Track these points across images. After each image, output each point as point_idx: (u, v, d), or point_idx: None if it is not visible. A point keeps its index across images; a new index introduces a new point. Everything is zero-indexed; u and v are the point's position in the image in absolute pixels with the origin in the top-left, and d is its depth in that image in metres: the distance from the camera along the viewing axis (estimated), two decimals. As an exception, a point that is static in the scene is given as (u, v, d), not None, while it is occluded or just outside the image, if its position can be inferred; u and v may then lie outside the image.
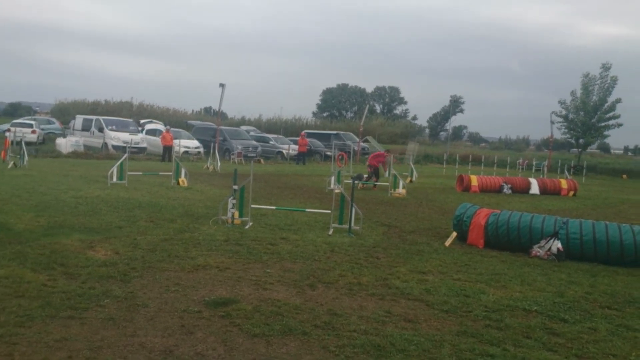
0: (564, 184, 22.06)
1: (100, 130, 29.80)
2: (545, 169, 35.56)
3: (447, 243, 9.28)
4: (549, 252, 8.46)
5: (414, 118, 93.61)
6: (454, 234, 9.56)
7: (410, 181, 22.72)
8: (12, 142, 20.49)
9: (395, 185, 17.38)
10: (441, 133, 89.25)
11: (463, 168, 32.67)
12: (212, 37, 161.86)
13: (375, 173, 19.72)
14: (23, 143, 19.52)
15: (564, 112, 45.48)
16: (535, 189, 21.22)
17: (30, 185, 13.25)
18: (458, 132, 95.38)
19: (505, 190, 20.63)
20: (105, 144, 28.88)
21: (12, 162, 18.59)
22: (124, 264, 6.61)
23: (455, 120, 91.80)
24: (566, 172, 32.61)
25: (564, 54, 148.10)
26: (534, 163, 37.14)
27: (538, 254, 8.54)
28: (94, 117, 32.25)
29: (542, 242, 8.60)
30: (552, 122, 45.39)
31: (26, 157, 19.01)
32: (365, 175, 19.66)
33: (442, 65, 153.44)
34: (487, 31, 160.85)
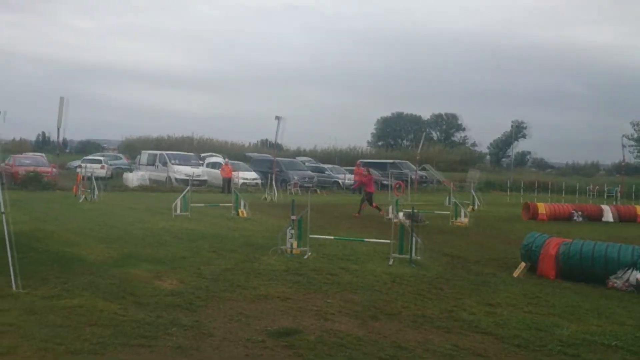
0: (640, 210, 20.86)
1: (164, 164, 30.89)
2: (619, 195, 33.84)
3: (516, 274, 8.93)
4: (627, 284, 7.99)
5: (474, 145, 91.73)
6: (523, 264, 9.19)
7: (473, 209, 22.14)
8: (83, 178, 21.54)
9: (456, 214, 16.99)
10: (503, 159, 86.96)
11: (528, 195, 31.59)
12: (267, 72, 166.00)
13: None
14: (93, 178, 20.49)
15: (636, 135, 43.44)
16: (608, 216, 20.16)
17: (101, 218, 13.84)
18: (521, 158, 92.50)
19: (575, 218, 19.73)
20: (169, 177, 29.88)
21: (83, 197, 19.52)
22: (190, 293, 6.74)
23: (518, 146, 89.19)
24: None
25: (633, 74, 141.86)
26: (606, 189, 35.41)
27: (615, 285, 8.08)
28: (158, 152, 33.51)
29: (619, 273, 8.13)
30: (624, 146, 43.40)
31: (96, 192, 19.91)
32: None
33: (502, 90, 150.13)
34: (548, 53, 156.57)
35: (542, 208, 19.84)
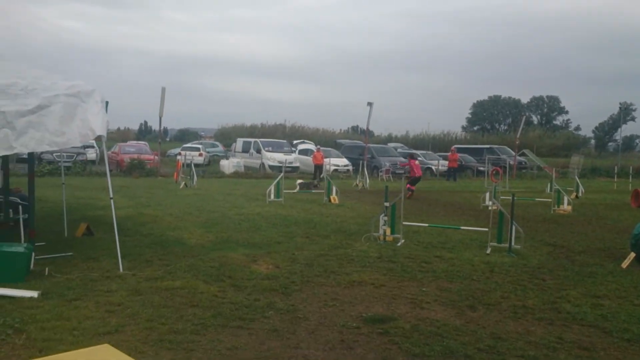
0: None
1: (258, 151, 31.81)
2: None
3: (624, 265, 8.32)
4: None
5: (577, 129, 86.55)
6: (632, 254, 8.55)
7: (576, 197, 20.87)
8: (183, 165, 22.69)
9: (559, 202, 16.10)
10: (609, 144, 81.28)
11: (638, 182, 29.30)
12: (357, 58, 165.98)
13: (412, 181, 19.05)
14: (192, 165, 21.54)
15: None
16: None
17: (199, 204, 14.53)
18: (630, 142, 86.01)
19: (692, 206, 18.03)
20: (263, 164, 30.75)
21: (183, 183, 20.58)
22: (285, 277, 6.91)
23: (625, 130, 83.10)
24: None
25: None
26: None
27: None
28: (252, 140, 34.56)
29: None
30: None
31: (195, 178, 20.93)
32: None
33: (608, 71, 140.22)
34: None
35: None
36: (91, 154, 29.97)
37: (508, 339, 4.96)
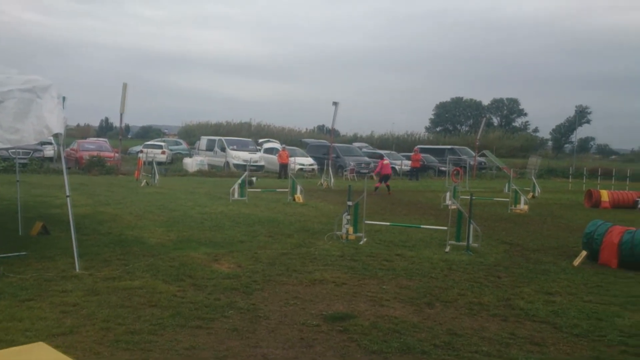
0: None
1: (223, 149, 31.56)
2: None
3: (576, 262, 8.64)
4: (698, 275, 7.58)
5: (535, 130, 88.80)
6: (584, 253, 8.88)
7: (533, 197, 21.50)
8: (144, 163, 22.32)
9: (516, 201, 16.54)
10: (566, 146, 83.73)
11: (591, 182, 30.32)
12: (323, 57, 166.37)
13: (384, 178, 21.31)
14: (154, 163, 21.22)
15: None
16: (677, 204, 19.11)
17: (161, 202, 14.34)
18: (585, 144, 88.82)
19: (640, 206, 18.81)
20: (227, 163, 30.53)
21: (144, 181, 20.27)
22: (246, 276, 6.91)
23: (581, 132, 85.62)
24: None
25: None
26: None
27: (685, 276, 7.68)
28: (217, 138, 34.24)
29: (689, 264, 7.71)
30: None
31: (157, 176, 20.62)
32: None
33: (566, 75, 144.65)
34: (613, 37, 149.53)
35: (605, 195, 19.03)
36: (49, 151, 29.12)
37: (463, 335, 5.09)
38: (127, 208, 12.94)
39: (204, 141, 35.04)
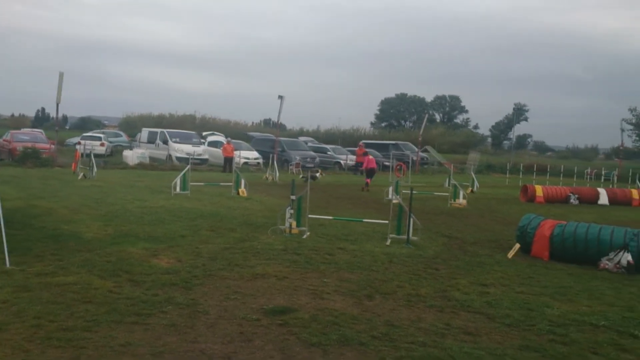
0: (635, 194, 20.93)
1: (165, 142, 30.86)
2: (615, 178, 33.86)
3: (510, 255, 8.99)
4: (618, 265, 8.05)
5: (476, 127, 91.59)
6: (517, 245, 9.26)
7: (472, 191, 22.19)
8: (82, 155, 21.53)
9: (455, 196, 17.03)
10: (504, 142, 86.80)
11: (527, 178, 31.60)
12: (271, 50, 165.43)
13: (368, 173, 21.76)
14: (92, 155, 20.51)
15: (634, 120, 43.37)
16: (604, 199, 20.25)
17: (99, 196, 13.89)
18: (522, 141, 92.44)
19: (572, 200, 19.80)
20: (170, 156, 29.88)
21: (82, 174, 19.56)
22: (186, 271, 6.80)
23: (519, 129, 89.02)
24: (638, 181, 30.90)
25: (634, 59, 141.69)
26: (603, 172, 35.47)
27: (607, 266, 8.14)
28: (158, 130, 33.44)
29: (611, 255, 8.18)
30: (623, 130, 43.42)
31: (95, 169, 19.95)
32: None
33: (505, 73, 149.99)
34: (551, 38, 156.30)
35: (540, 190, 19.90)
36: (-22, 142, 27.65)
37: (401, 326, 5.20)
38: (62, 202, 12.46)
39: (145, 133, 34.14)
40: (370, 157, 22.96)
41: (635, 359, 4.64)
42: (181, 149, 29.80)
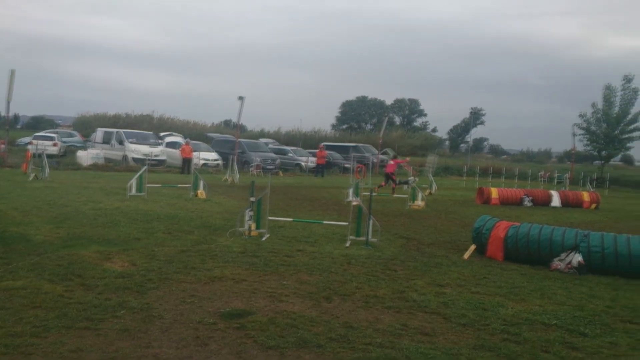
0: (586, 196, 21.71)
1: (121, 143, 30.18)
2: (568, 181, 35.04)
3: (466, 256, 9.15)
4: (569, 265, 8.30)
5: (434, 130, 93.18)
6: (473, 246, 9.43)
7: (430, 193, 22.55)
8: (33, 155, 20.83)
9: (414, 198, 17.25)
10: (461, 145, 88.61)
11: (483, 180, 32.36)
12: (232, 51, 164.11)
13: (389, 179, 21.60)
14: (44, 155, 19.86)
15: (585, 125, 44.95)
16: (556, 201, 20.90)
17: (51, 197, 13.45)
18: (479, 144, 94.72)
19: (526, 202, 20.36)
20: (125, 157, 29.24)
21: (33, 175, 18.91)
22: (141, 275, 6.64)
23: (475, 133, 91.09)
24: (588, 184, 32.08)
25: (585, 66, 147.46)
26: (555, 175, 36.66)
27: (558, 267, 8.38)
28: (114, 130, 32.69)
29: (563, 255, 8.43)
30: (574, 134, 44.93)
31: (47, 170, 19.32)
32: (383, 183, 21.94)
33: (463, 78, 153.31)
34: (507, 44, 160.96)
35: (495, 193, 20.39)
36: None
37: (358, 328, 5.22)
38: (12, 203, 12.01)
39: (100, 133, 33.32)
40: (391, 162, 22.77)
41: (585, 357, 4.77)
42: (138, 150, 29.23)
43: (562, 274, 8.18)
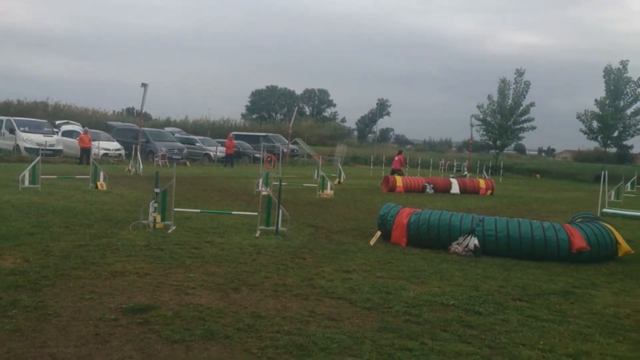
0: (482, 183, 23.11)
1: (12, 131, 28.10)
2: (466, 169, 37.07)
3: (372, 242, 9.44)
4: (466, 249, 8.80)
5: (343, 120, 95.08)
6: (378, 233, 9.75)
7: (338, 182, 22.98)
8: None
9: (323, 187, 17.50)
10: (369, 135, 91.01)
11: (389, 169, 33.42)
12: (136, 36, 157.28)
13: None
14: None
15: (481, 116, 47.67)
16: (455, 188, 22.07)
17: None
18: (385, 134, 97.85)
19: (428, 190, 21.32)
20: (17, 146, 27.29)
21: None
22: (35, 272, 6.23)
23: (382, 123, 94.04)
24: (484, 172, 34.13)
25: (483, 60, 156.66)
26: (455, 164, 38.65)
27: (456, 250, 8.86)
28: (4, 118, 30.32)
29: (460, 239, 8.93)
30: (472, 125, 47.53)
31: None
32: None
33: (370, 70, 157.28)
34: (411, 38, 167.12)
35: (400, 181, 21.18)
36: None
37: (267, 317, 5.23)
38: None
39: (-12, 122, 30.78)
40: (396, 158, 24.27)
41: (479, 334, 5.10)
42: (30, 139, 27.38)
43: (460, 257, 8.67)
